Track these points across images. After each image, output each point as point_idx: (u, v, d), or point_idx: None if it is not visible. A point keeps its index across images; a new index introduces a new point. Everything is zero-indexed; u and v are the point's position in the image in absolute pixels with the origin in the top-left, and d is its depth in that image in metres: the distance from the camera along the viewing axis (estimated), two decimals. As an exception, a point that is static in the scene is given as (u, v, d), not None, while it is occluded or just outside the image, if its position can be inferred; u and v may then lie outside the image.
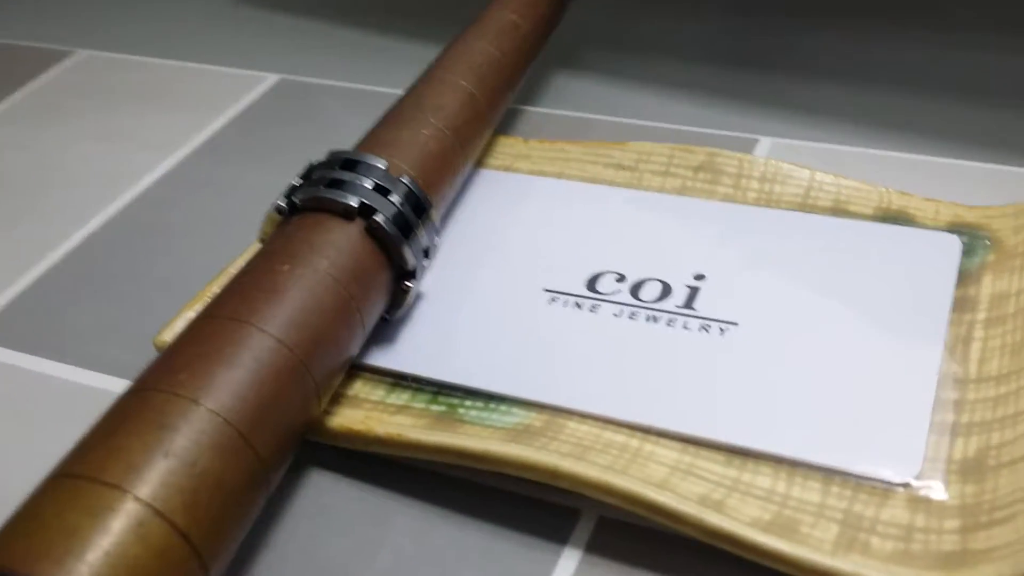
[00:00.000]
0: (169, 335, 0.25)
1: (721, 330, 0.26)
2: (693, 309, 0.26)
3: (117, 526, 0.17)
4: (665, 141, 0.35)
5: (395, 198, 0.25)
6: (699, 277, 0.27)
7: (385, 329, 0.26)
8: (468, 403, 0.25)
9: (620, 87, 0.38)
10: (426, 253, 0.26)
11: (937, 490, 0.22)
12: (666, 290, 0.27)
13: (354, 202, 0.24)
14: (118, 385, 0.27)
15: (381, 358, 0.26)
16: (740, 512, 0.21)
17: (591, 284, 0.27)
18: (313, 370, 0.22)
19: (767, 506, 0.22)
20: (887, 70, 0.38)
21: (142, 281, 0.31)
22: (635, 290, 0.27)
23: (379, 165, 0.26)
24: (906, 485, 0.22)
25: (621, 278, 0.28)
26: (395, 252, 0.25)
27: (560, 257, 0.28)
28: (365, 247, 0.24)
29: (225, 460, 0.19)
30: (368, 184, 0.25)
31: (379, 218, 0.24)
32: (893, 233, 0.28)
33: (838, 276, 0.27)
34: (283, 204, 0.25)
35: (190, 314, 0.26)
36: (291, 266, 0.23)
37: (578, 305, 0.27)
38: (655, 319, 0.26)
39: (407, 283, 0.26)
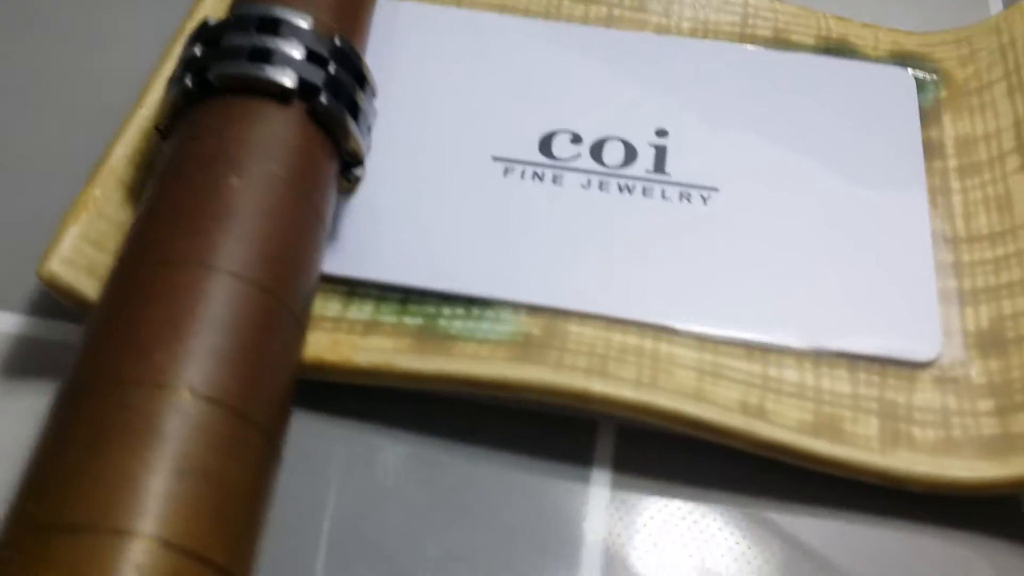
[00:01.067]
0: (59, 263, 0.19)
1: (703, 198, 0.23)
2: (666, 174, 0.24)
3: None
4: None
5: (332, 67, 0.20)
6: (661, 133, 0.24)
7: (323, 224, 0.22)
8: (447, 311, 0.21)
9: None
10: (368, 129, 0.21)
11: (962, 367, 0.21)
12: (630, 152, 0.24)
13: (291, 81, 0.19)
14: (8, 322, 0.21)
15: (328, 263, 0.21)
16: (783, 416, 0.20)
17: (544, 147, 0.24)
18: (295, 307, 0.18)
19: (804, 404, 0.20)
20: None
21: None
22: (596, 153, 0.24)
23: (304, 24, 0.20)
24: (930, 364, 0.21)
25: (576, 139, 0.24)
26: (343, 136, 0.20)
27: (500, 115, 0.25)
28: (310, 136, 0.20)
29: (235, 454, 0.16)
30: (298, 53, 0.20)
31: (324, 99, 0.20)
32: (843, 68, 0.26)
33: (803, 124, 0.25)
34: (190, 84, 0.19)
35: (74, 229, 0.20)
36: (239, 177, 0.18)
37: (538, 176, 0.23)
38: (628, 189, 0.23)
39: (355, 171, 0.21)
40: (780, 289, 0.22)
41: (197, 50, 0.20)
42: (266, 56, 0.19)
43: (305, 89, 0.19)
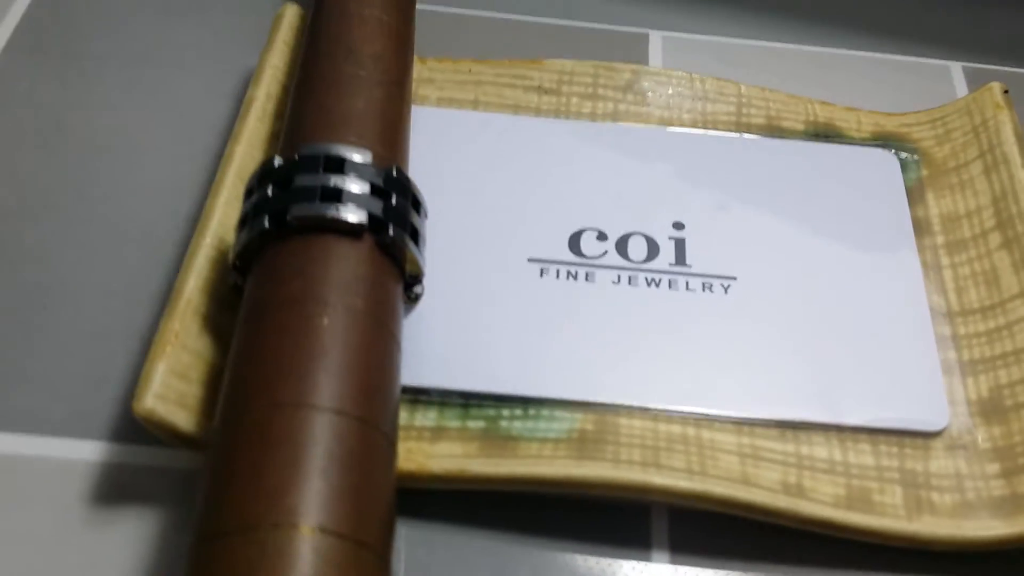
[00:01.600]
0: (153, 399, 0.21)
1: (724, 287, 0.26)
2: (688, 265, 0.26)
3: None
4: (552, 38, 0.33)
5: (393, 199, 0.22)
6: (678, 226, 0.27)
7: (383, 336, 0.24)
8: (505, 412, 0.23)
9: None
10: (423, 248, 0.23)
11: (969, 434, 0.23)
12: (652, 247, 0.26)
13: (362, 218, 0.21)
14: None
15: (393, 373, 0.23)
16: (820, 492, 0.22)
17: (574, 246, 0.26)
18: (389, 431, 0.20)
19: (836, 479, 0.23)
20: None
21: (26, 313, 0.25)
22: (621, 249, 0.26)
23: (366, 160, 0.22)
24: (940, 433, 0.23)
25: (602, 236, 0.26)
26: (409, 262, 0.22)
27: (529, 216, 0.27)
28: (380, 265, 0.21)
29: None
30: (363, 189, 0.22)
31: (391, 231, 0.21)
32: (833, 152, 0.29)
33: (805, 208, 0.27)
34: (267, 225, 0.21)
35: (162, 365, 0.21)
36: (329, 318, 0.20)
37: (571, 275, 0.25)
38: (655, 282, 0.25)
39: (416, 289, 0.23)
40: (801, 369, 0.24)
41: (269, 191, 0.21)
42: (337, 196, 0.21)
43: (374, 223, 0.21)
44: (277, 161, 0.22)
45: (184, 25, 0.32)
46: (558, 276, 0.25)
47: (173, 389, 0.21)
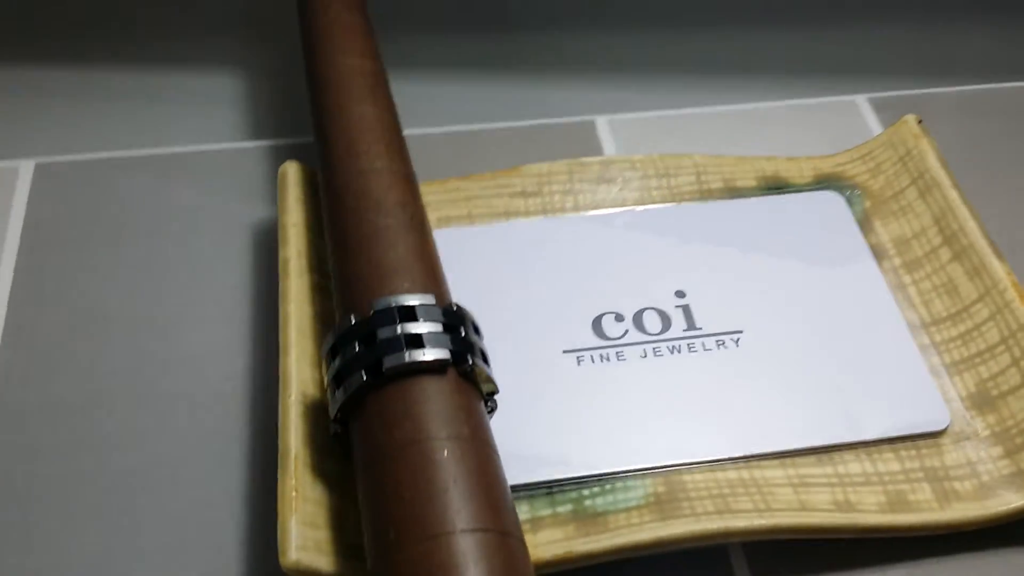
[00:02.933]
0: (297, 551, 0.23)
1: (735, 341, 0.29)
2: (699, 328, 0.30)
3: None
4: (510, 140, 0.36)
5: (463, 331, 0.25)
6: (680, 295, 0.30)
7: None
8: (585, 492, 0.26)
9: (424, 94, 0.38)
10: (484, 362, 0.26)
11: (969, 426, 0.28)
12: (664, 318, 0.30)
13: (445, 355, 0.24)
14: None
15: (482, 480, 0.26)
16: (866, 503, 0.26)
17: (598, 330, 0.29)
18: (522, 536, 0.22)
19: (874, 488, 0.26)
20: (674, 23, 0.41)
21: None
22: (639, 325, 0.30)
23: (431, 302, 0.25)
24: (945, 430, 0.28)
25: (619, 317, 0.30)
26: (486, 382, 0.25)
27: (551, 311, 0.30)
28: (469, 392, 0.24)
29: None
30: (436, 328, 0.25)
31: (471, 361, 0.24)
32: (788, 201, 0.33)
33: (780, 255, 0.31)
34: (366, 378, 0.24)
35: (294, 519, 0.24)
36: (447, 449, 0.23)
37: (604, 358, 0.29)
38: (676, 349, 0.29)
39: (490, 404, 0.26)
40: (819, 400, 0.28)
41: (356, 347, 0.24)
42: (419, 341, 0.24)
43: (454, 357, 0.24)
44: (353, 319, 0.25)
45: (181, 189, 0.34)
46: (592, 361, 0.29)
47: (309, 538, 0.24)
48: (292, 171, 0.32)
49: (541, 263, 0.31)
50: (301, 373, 0.27)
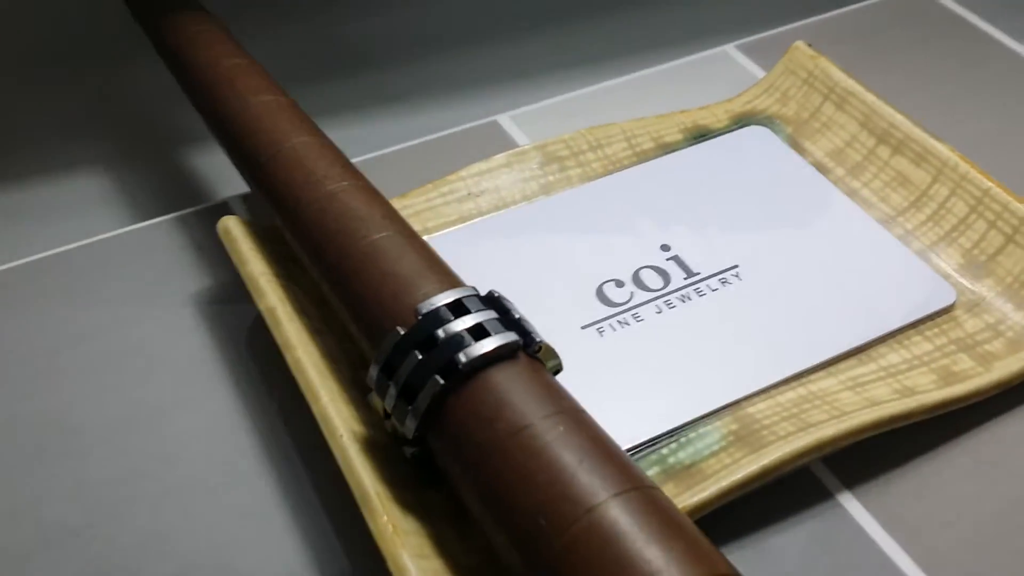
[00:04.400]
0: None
1: (736, 275, 0.29)
2: (698, 274, 0.29)
3: None
4: (424, 156, 0.35)
5: (515, 312, 0.24)
6: (666, 248, 0.30)
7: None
8: (664, 451, 0.25)
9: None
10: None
11: (974, 293, 0.29)
12: (662, 273, 0.29)
13: (513, 338, 0.23)
14: None
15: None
16: (922, 384, 0.26)
17: (606, 300, 0.29)
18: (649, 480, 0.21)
19: (921, 370, 0.27)
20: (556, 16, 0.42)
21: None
22: (641, 285, 0.29)
23: (476, 293, 0.24)
24: (955, 303, 0.29)
25: (620, 283, 0.29)
26: (552, 358, 0.24)
27: (551, 295, 0.29)
28: (540, 369, 0.23)
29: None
30: (491, 315, 0.23)
31: (536, 338, 0.23)
32: (720, 144, 0.34)
33: (736, 192, 0.32)
34: (442, 381, 0.22)
35: (404, 552, 0.21)
36: (562, 426, 0.21)
37: (623, 324, 0.28)
38: (687, 297, 0.29)
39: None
40: (835, 306, 0.28)
41: (418, 356, 0.22)
42: (482, 331, 0.22)
43: (525, 340, 0.23)
44: (402, 330, 0.23)
45: (112, 277, 0.31)
46: (613, 329, 0.28)
47: (427, 570, 0.21)
48: (233, 225, 0.29)
49: (520, 254, 0.30)
50: (342, 412, 0.24)
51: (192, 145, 0.37)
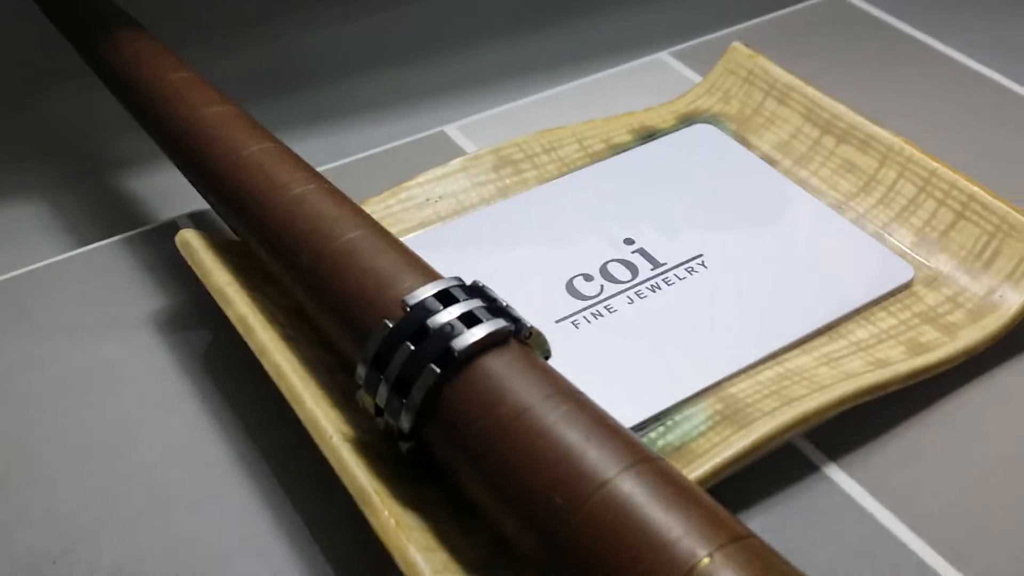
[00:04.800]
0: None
1: (702, 263, 0.30)
2: (664, 264, 0.30)
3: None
4: (374, 168, 0.35)
5: (501, 300, 0.23)
6: (630, 241, 0.30)
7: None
8: (653, 435, 0.25)
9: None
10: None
11: (930, 268, 0.30)
12: (629, 265, 0.30)
13: (507, 325, 0.22)
14: None
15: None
16: (893, 356, 0.27)
17: (576, 294, 0.29)
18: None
19: (890, 343, 0.28)
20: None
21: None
22: (609, 278, 0.29)
23: (461, 283, 0.23)
24: (913, 278, 0.29)
25: (588, 277, 0.29)
26: (542, 344, 0.24)
27: (521, 292, 0.28)
28: (535, 355, 0.23)
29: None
30: (479, 304, 0.23)
31: (526, 324, 0.23)
32: (668, 143, 0.34)
33: (689, 186, 0.32)
34: (438, 370, 0.22)
35: (411, 548, 0.21)
36: (564, 406, 0.21)
37: (597, 315, 0.28)
38: (656, 287, 0.29)
39: (545, 367, 0.25)
40: (800, 289, 0.29)
41: (411, 348, 0.22)
42: (473, 319, 0.22)
43: (516, 326, 0.23)
44: (391, 323, 0.22)
45: (61, 302, 0.30)
46: (588, 321, 0.28)
47: (437, 561, 0.21)
48: (192, 237, 0.28)
49: (485, 255, 0.30)
50: (329, 414, 0.24)
51: (131, 168, 0.37)
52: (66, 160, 0.37)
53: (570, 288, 0.29)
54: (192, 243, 0.28)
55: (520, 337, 0.23)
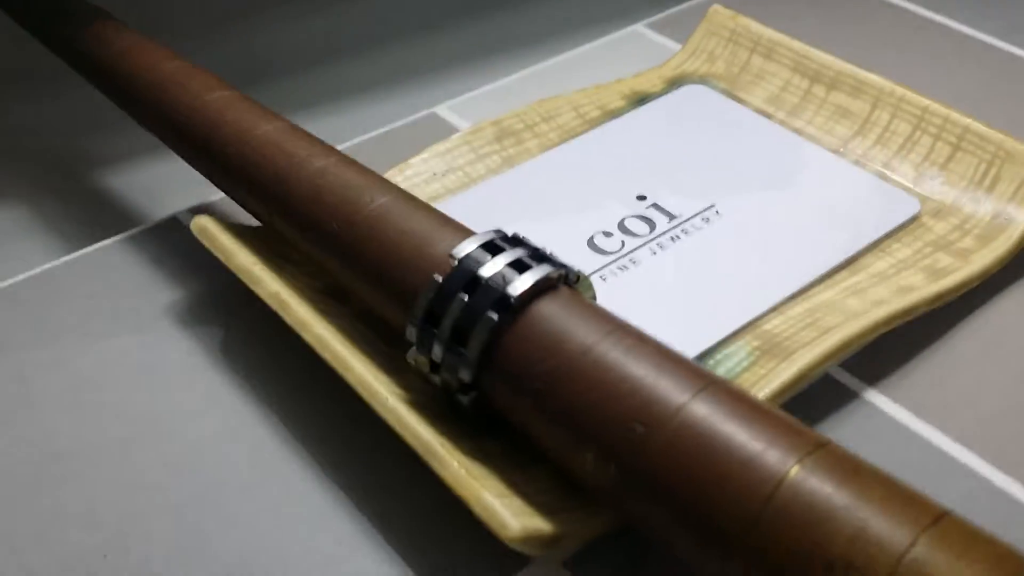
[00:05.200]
0: (513, 520, 0.20)
1: (716, 212, 0.30)
2: (679, 216, 0.30)
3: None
4: (371, 153, 0.35)
5: (544, 249, 0.23)
6: (642, 198, 0.31)
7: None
8: (697, 375, 0.25)
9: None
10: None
11: (935, 201, 0.30)
12: (646, 220, 0.30)
13: (556, 270, 0.22)
14: None
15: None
16: (916, 280, 0.28)
17: (598, 250, 0.29)
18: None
19: (910, 270, 0.28)
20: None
21: None
22: (628, 233, 0.29)
23: (504, 234, 0.23)
24: (920, 210, 0.30)
25: (608, 233, 0.29)
26: (589, 288, 0.24)
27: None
28: (581, 298, 0.23)
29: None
30: (526, 252, 0.23)
31: (574, 268, 0.23)
32: (664, 104, 0.35)
33: (691, 144, 0.33)
34: (496, 318, 0.22)
35: (486, 495, 0.21)
36: (624, 343, 0.21)
37: (622, 268, 0.28)
38: (676, 237, 0.29)
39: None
40: (815, 228, 0.29)
41: (465, 297, 0.22)
42: (523, 265, 0.22)
43: (566, 271, 0.23)
44: (438, 278, 0.22)
45: (68, 303, 0.29)
46: (614, 274, 0.28)
47: (515, 506, 0.21)
48: (208, 224, 0.28)
49: (501, 223, 0.29)
50: (380, 375, 0.23)
51: (110, 167, 0.36)
52: (40, 163, 0.36)
53: (592, 245, 0.29)
54: (209, 228, 0.28)
55: (569, 282, 0.23)
